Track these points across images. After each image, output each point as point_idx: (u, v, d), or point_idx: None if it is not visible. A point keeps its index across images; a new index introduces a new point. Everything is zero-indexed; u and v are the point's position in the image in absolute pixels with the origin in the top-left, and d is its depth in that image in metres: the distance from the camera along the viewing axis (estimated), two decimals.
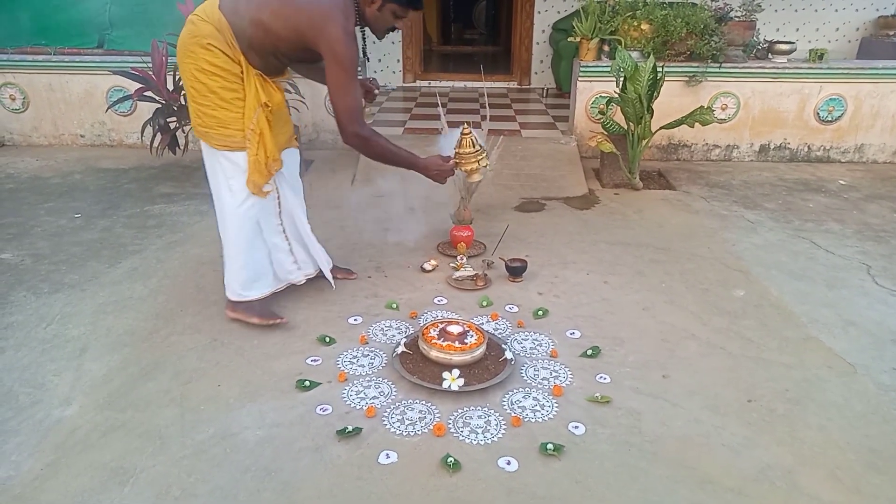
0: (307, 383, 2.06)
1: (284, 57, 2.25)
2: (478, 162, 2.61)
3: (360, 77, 2.34)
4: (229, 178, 2.24)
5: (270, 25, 2.10)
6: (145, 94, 3.94)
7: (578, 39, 4.70)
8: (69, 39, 4.85)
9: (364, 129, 2.27)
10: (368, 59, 2.31)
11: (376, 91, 2.59)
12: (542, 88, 6.78)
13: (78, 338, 2.33)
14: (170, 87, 3.95)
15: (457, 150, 2.63)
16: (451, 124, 3.14)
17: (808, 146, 4.89)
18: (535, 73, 7.10)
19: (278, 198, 2.38)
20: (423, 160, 2.52)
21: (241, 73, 2.16)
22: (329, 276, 2.60)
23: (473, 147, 2.61)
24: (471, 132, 2.62)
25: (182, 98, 3.86)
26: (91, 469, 1.70)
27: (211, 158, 2.27)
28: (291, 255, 2.51)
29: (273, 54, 2.20)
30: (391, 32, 2.34)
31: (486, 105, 3.38)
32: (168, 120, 3.97)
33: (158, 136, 3.95)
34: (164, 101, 3.94)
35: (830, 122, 4.81)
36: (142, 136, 4.16)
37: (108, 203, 3.69)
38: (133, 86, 4.05)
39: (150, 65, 3.98)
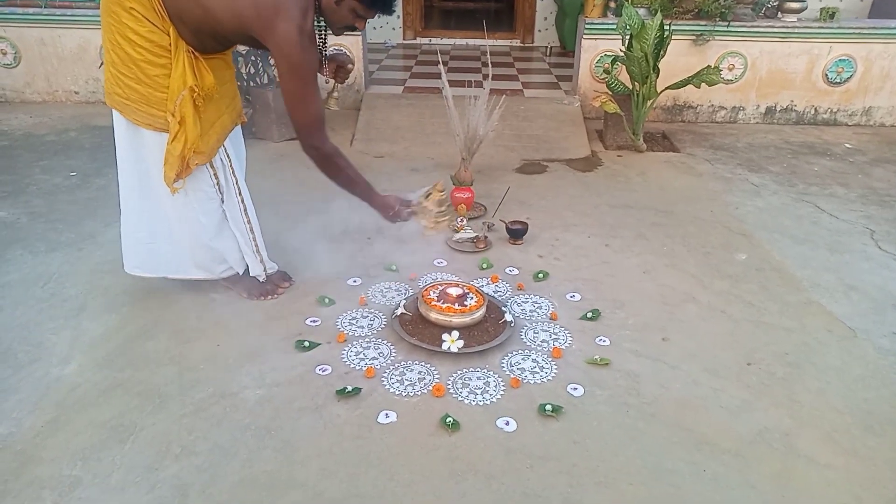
0: (307, 344, 2.05)
1: (226, 41, 1.94)
2: (436, 222, 2.36)
3: (335, 51, 2.08)
4: (161, 162, 1.95)
5: (208, 5, 1.79)
6: None
7: None
8: None
9: (326, 144, 1.99)
10: (327, 60, 2.06)
11: (350, 66, 2.22)
12: (546, 47, 6.63)
13: (75, 297, 2.32)
14: None
15: (421, 202, 2.33)
16: (453, 83, 3.06)
17: (815, 108, 4.80)
18: (539, 30, 6.93)
19: (217, 183, 2.09)
20: (379, 197, 2.18)
21: (170, 45, 1.84)
22: (258, 273, 2.31)
23: (439, 206, 2.35)
24: (444, 190, 2.37)
25: None
26: (91, 426, 1.71)
27: (131, 134, 1.99)
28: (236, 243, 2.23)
29: (211, 36, 1.89)
30: (350, 32, 2.02)
31: (489, 63, 3.31)
32: None
33: None
34: None
35: (839, 83, 4.72)
36: None
37: (103, 161, 3.63)
38: None
39: None
